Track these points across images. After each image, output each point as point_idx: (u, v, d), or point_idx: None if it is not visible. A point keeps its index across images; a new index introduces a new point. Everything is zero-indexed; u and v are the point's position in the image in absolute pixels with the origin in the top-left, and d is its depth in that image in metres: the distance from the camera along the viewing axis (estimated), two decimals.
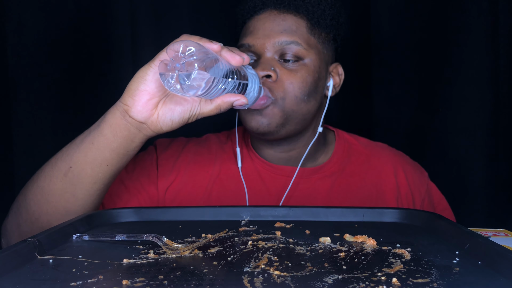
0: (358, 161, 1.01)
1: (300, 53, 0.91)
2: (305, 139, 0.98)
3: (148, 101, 0.71)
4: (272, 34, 0.91)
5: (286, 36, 0.91)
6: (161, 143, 1.02)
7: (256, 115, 0.90)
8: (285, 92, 0.89)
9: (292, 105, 0.90)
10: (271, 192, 0.96)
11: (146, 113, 0.72)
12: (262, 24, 0.93)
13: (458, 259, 0.51)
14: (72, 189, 0.76)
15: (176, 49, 0.65)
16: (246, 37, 0.94)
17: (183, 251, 0.55)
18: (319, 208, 0.73)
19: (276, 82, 0.89)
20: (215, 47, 0.68)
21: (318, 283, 0.44)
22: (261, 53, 0.92)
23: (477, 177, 1.26)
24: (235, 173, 0.98)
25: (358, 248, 0.56)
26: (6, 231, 0.84)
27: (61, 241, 0.60)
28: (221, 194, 0.95)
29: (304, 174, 0.98)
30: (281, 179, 0.97)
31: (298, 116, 0.92)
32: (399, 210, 0.71)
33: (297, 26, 0.92)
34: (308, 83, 0.91)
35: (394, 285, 0.43)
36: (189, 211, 0.74)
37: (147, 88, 0.70)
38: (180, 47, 0.64)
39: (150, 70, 0.70)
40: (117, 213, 0.73)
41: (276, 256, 0.53)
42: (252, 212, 0.72)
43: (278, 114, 0.90)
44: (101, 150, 0.74)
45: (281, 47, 0.91)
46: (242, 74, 0.73)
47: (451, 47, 1.27)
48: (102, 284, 0.45)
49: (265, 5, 0.95)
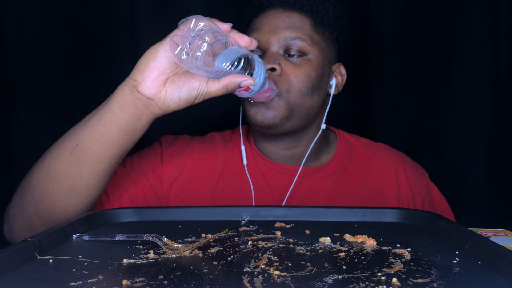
0: (359, 161, 1.02)
1: (304, 48, 0.93)
2: (308, 136, 0.99)
3: (157, 77, 0.72)
4: (277, 29, 0.94)
5: (291, 32, 0.93)
6: (166, 139, 1.02)
7: (261, 108, 0.91)
8: (289, 85, 0.91)
9: (296, 98, 0.92)
10: (273, 190, 0.96)
11: (154, 89, 0.72)
12: (267, 21, 0.96)
13: (458, 259, 0.51)
14: (78, 168, 0.76)
15: (187, 25, 0.66)
16: (252, 33, 0.97)
17: (183, 251, 0.55)
18: (319, 208, 0.73)
19: (280, 75, 0.91)
20: (225, 26, 0.70)
21: (318, 283, 0.44)
22: (266, 48, 0.94)
23: (477, 177, 1.26)
24: (239, 171, 0.98)
25: (358, 248, 0.56)
26: (8, 216, 0.84)
27: (61, 241, 0.60)
28: (225, 192, 0.96)
29: (307, 173, 0.98)
30: (284, 177, 0.98)
31: (302, 110, 0.93)
32: (399, 210, 0.71)
33: (302, 23, 0.95)
34: (312, 77, 0.93)
35: (394, 285, 0.43)
36: (189, 211, 0.74)
37: (157, 65, 0.71)
38: (191, 22, 0.65)
39: (161, 47, 0.71)
40: (117, 213, 0.73)
41: (276, 256, 0.53)
42: (252, 212, 0.73)
43: (283, 107, 0.91)
44: (108, 126, 0.75)
45: (285, 42, 0.93)
46: (250, 58, 0.73)
47: (451, 47, 1.27)
48: (102, 284, 0.45)
49: (271, 3, 0.98)
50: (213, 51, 0.66)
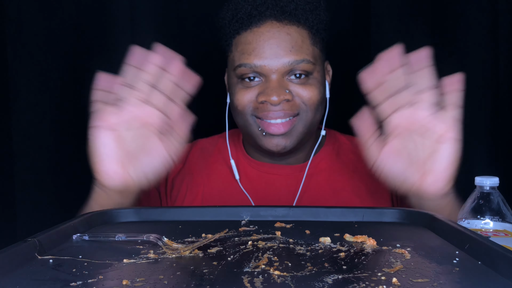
0: (347, 159, 1.01)
1: (309, 68, 0.89)
2: (308, 145, 0.98)
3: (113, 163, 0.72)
4: (279, 53, 0.86)
5: (295, 55, 0.87)
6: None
7: (277, 138, 0.89)
8: (304, 108, 0.89)
9: (311, 118, 0.90)
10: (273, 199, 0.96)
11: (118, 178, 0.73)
12: (265, 40, 0.87)
13: (458, 259, 0.51)
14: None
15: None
16: (249, 56, 0.87)
17: (183, 251, 0.55)
18: (319, 208, 0.73)
19: (292, 100, 0.88)
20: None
21: (318, 283, 0.44)
22: (268, 75, 0.87)
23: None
24: (234, 187, 0.97)
25: (358, 248, 0.56)
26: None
27: (61, 241, 0.60)
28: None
29: (296, 171, 0.98)
30: (283, 179, 0.97)
31: (314, 127, 0.93)
32: (399, 210, 0.71)
33: (302, 39, 0.89)
34: (319, 92, 0.91)
35: (394, 285, 0.43)
36: (189, 211, 0.74)
37: (106, 151, 0.71)
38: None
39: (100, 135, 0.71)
40: (117, 213, 0.73)
41: (276, 256, 0.53)
42: (252, 212, 0.72)
43: (300, 131, 0.89)
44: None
45: (291, 67, 0.87)
46: None
47: (451, 47, 1.27)
48: (102, 284, 0.45)
49: (264, 15, 0.88)
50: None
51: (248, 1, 0.90)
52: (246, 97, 0.89)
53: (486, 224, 0.69)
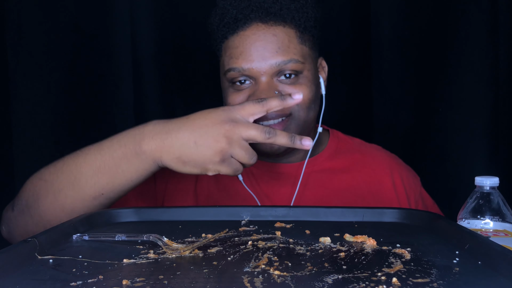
0: (351, 159, 1.01)
1: (297, 67, 0.88)
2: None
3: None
4: (266, 55, 0.86)
5: (282, 55, 0.86)
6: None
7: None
8: (295, 108, 0.88)
9: (304, 117, 0.90)
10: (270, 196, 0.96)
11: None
12: (251, 43, 0.87)
13: (458, 259, 0.51)
14: (100, 207, 0.78)
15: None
16: (237, 60, 0.88)
17: (183, 251, 0.55)
18: (319, 208, 0.73)
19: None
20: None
21: (318, 283, 0.44)
22: (257, 77, 0.87)
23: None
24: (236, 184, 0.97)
25: (358, 248, 0.56)
26: (9, 220, 0.83)
27: (61, 241, 0.60)
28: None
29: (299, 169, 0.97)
30: (284, 177, 0.97)
31: (309, 126, 0.92)
32: (399, 210, 0.71)
33: (289, 38, 0.88)
34: (311, 90, 0.90)
35: (394, 285, 0.43)
36: (189, 211, 0.74)
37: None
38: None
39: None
40: (117, 213, 0.73)
41: (276, 256, 0.53)
42: (252, 212, 0.73)
43: (294, 131, 0.89)
44: (126, 177, 0.76)
45: (278, 68, 0.87)
46: None
47: (451, 47, 1.27)
48: (102, 284, 0.45)
49: (249, 18, 0.88)
50: None
51: (233, 5, 0.89)
52: (237, 100, 0.89)
53: (486, 224, 0.69)
